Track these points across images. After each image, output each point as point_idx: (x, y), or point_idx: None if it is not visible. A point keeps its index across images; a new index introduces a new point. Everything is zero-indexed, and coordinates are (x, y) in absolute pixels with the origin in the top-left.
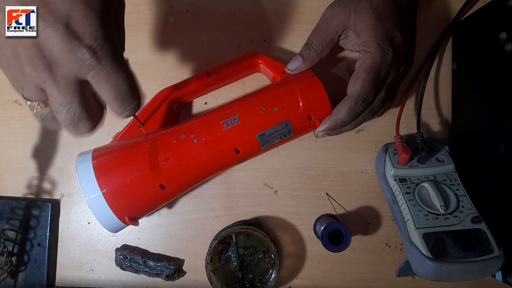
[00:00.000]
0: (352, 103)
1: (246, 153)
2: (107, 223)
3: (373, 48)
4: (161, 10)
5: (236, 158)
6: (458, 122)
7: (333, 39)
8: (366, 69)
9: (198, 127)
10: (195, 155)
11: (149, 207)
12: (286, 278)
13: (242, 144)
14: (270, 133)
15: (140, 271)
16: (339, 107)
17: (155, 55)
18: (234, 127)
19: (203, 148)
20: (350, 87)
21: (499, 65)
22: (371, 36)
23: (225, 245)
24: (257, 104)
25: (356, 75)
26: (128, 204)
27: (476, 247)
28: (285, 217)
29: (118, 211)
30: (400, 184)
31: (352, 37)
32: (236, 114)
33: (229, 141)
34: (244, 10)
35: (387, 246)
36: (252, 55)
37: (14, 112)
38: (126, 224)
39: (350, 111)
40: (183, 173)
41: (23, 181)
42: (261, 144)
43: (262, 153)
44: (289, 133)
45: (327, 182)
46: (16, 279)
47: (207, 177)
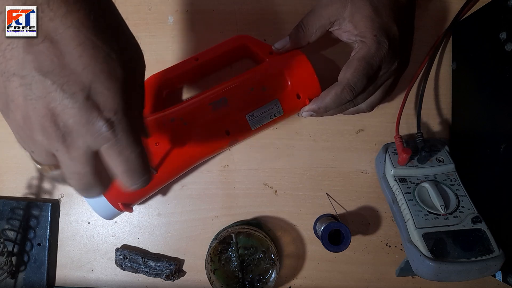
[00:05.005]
0: (339, 90)
1: (236, 134)
2: (101, 209)
3: (369, 39)
4: (161, 10)
5: (227, 140)
6: (458, 122)
7: (324, 25)
8: (359, 58)
9: (187, 111)
10: (186, 139)
11: (142, 192)
12: (286, 278)
13: (232, 126)
14: (260, 113)
15: (140, 271)
16: (326, 91)
17: (155, 55)
18: (223, 108)
19: (193, 131)
20: (341, 74)
21: (499, 65)
22: (367, 27)
23: (225, 245)
24: (245, 85)
25: (349, 63)
26: (122, 191)
27: (476, 247)
28: (285, 217)
29: (111, 197)
30: (400, 184)
31: (347, 27)
32: (225, 96)
33: (219, 123)
34: (244, 10)
35: (387, 246)
36: (238, 38)
37: None
38: (119, 210)
39: (335, 97)
40: (175, 157)
41: (23, 181)
42: (251, 125)
43: (253, 134)
44: (279, 113)
45: (327, 182)
46: (16, 279)
47: (199, 161)
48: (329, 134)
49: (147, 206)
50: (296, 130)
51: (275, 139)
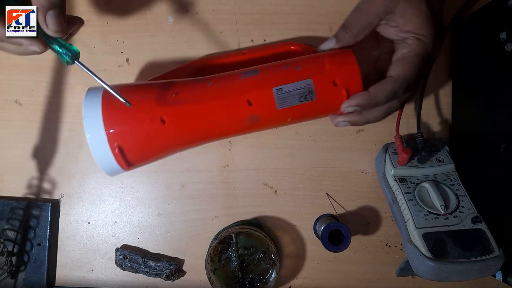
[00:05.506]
0: (397, 84)
1: (259, 108)
2: (104, 162)
3: (426, 37)
4: (161, 10)
5: (247, 112)
6: (458, 122)
7: (372, 22)
8: (418, 55)
9: (217, 76)
10: (205, 97)
11: (147, 144)
12: (286, 278)
13: (257, 96)
14: (289, 89)
15: (140, 271)
16: (378, 85)
17: (155, 55)
18: (252, 77)
19: (215, 91)
20: (397, 69)
21: (499, 65)
22: (424, 24)
23: (225, 245)
24: (281, 63)
25: (406, 59)
26: (125, 131)
27: (476, 247)
28: (285, 217)
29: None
30: (400, 184)
31: (397, 22)
32: (258, 69)
33: (243, 90)
34: (244, 10)
35: (387, 246)
36: (287, 42)
37: (14, 112)
38: (118, 162)
39: (390, 92)
40: (188, 113)
41: (23, 181)
42: (277, 102)
43: (277, 118)
44: (311, 96)
45: (327, 182)
46: (16, 279)
47: (212, 130)
48: (329, 134)
49: (147, 206)
50: (296, 130)
51: (275, 139)
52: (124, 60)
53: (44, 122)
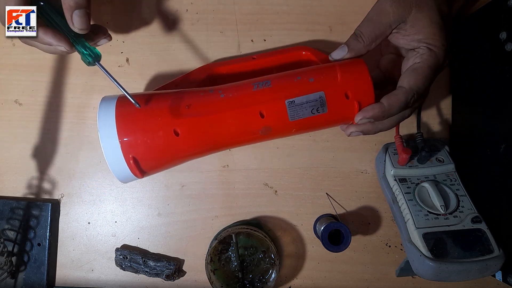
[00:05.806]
0: (410, 96)
1: (271, 120)
2: (118, 170)
3: (439, 48)
4: (161, 10)
5: (259, 124)
6: (458, 122)
7: (384, 32)
8: (430, 66)
9: (229, 87)
10: (218, 109)
11: (160, 155)
12: (286, 278)
13: (269, 108)
14: (301, 102)
15: (140, 271)
16: (391, 97)
17: (155, 55)
18: (264, 89)
19: (227, 103)
20: (410, 80)
21: (499, 65)
22: (436, 34)
23: (225, 245)
24: (293, 74)
25: (418, 70)
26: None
27: (476, 247)
28: (285, 217)
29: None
30: (400, 184)
31: (408, 31)
32: (270, 80)
33: (255, 102)
34: (244, 10)
35: (387, 246)
36: (297, 47)
37: (14, 112)
38: (132, 172)
39: (404, 103)
40: (201, 125)
41: (23, 181)
42: (290, 114)
43: (289, 129)
44: (322, 109)
45: (327, 182)
46: (16, 279)
47: (224, 141)
48: (329, 134)
49: (147, 206)
50: None
51: (275, 139)
52: (124, 60)
53: (44, 122)
